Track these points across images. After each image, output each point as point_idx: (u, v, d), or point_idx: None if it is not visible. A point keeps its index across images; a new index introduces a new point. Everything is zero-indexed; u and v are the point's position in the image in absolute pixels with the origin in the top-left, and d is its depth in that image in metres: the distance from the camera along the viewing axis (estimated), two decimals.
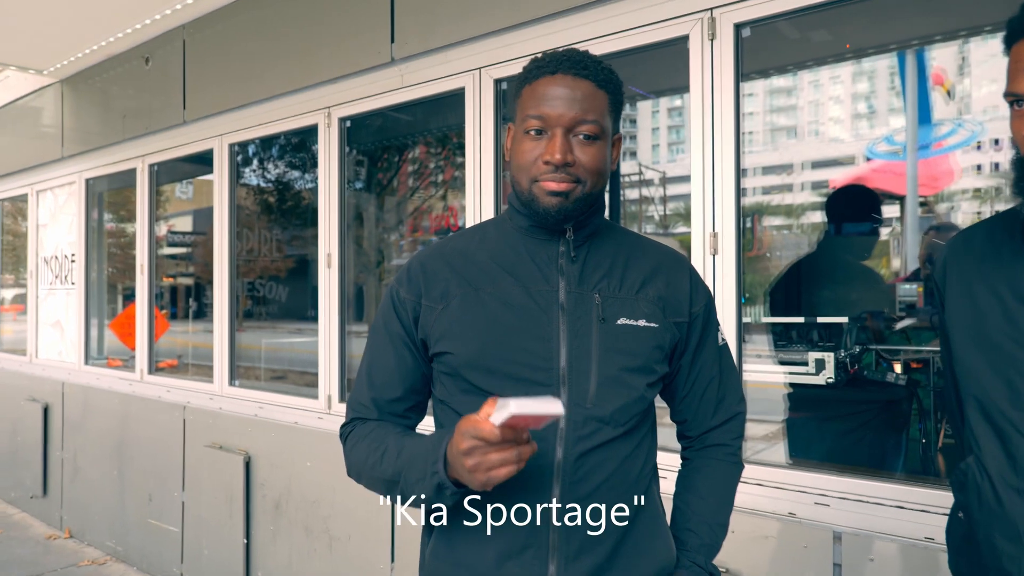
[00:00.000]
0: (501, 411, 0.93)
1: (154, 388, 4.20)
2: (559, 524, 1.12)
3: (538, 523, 1.12)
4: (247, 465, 3.48)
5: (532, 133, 1.14)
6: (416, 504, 1.13)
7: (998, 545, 1.08)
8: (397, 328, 1.24)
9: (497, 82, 2.65)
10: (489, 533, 1.13)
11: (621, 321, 1.18)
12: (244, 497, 3.48)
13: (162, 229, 4.83)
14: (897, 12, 2.79)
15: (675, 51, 2.31)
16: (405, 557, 2.84)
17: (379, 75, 3.01)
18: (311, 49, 3.25)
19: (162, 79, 4.10)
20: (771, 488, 2.05)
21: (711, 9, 2.14)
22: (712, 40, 2.14)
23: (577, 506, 1.12)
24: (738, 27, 2.11)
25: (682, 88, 3.97)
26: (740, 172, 2.15)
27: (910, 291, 3.39)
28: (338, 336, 3.19)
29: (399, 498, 1.14)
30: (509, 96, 1.24)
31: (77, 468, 4.78)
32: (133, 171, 4.46)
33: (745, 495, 2.07)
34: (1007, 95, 1.07)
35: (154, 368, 4.39)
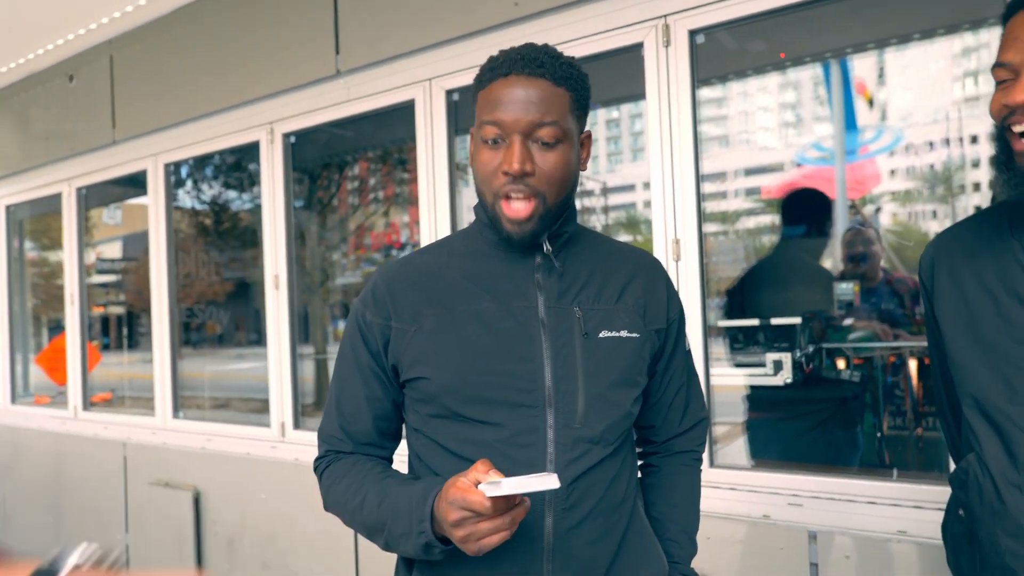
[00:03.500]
0: (492, 487, 0.88)
1: (90, 425, 3.96)
2: (552, 552, 1.07)
3: (531, 553, 1.06)
4: (196, 501, 3.31)
5: (490, 142, 1.08)
6: (402, 553, 1.09)
7: (1001, 543, 1.07)
8: (365, 356, 1.16)
9: (449, 93, 2.60)
10: (478, 564, 1.06)
11: (603, 334, 1.13)
12: (194, 535, 3.30)
13: (90, 257, 4.59)
14: (831, 21, 2.88)
15: (617, 61, 2.31)
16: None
17: (324, 88, 2.93)
18: (251, 63, 3.14)
19: (88, 97, 3.91)
20: (744, 492, 2.04)
21: (665, 16, 2.14)
22: (667, 47, 2.14)
23: (570, 533, 1.08)
24: (692, 33, 2.12)
25: (624, 98, 4.01)
26: (700, 178, 2.15)
27: (847, 290, 3.50)
28: (289, 360, 3.07)
29: (383, 546, 1.10)
30: (471, 101, 1.18)
31: (7, 516, 4.47)
32: (57, 196, 4.22)
33: (719, 500, 2.06)
34: (995, 66, 1.05)
35: (88, 404, 4.14)
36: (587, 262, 1.18)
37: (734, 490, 2.06)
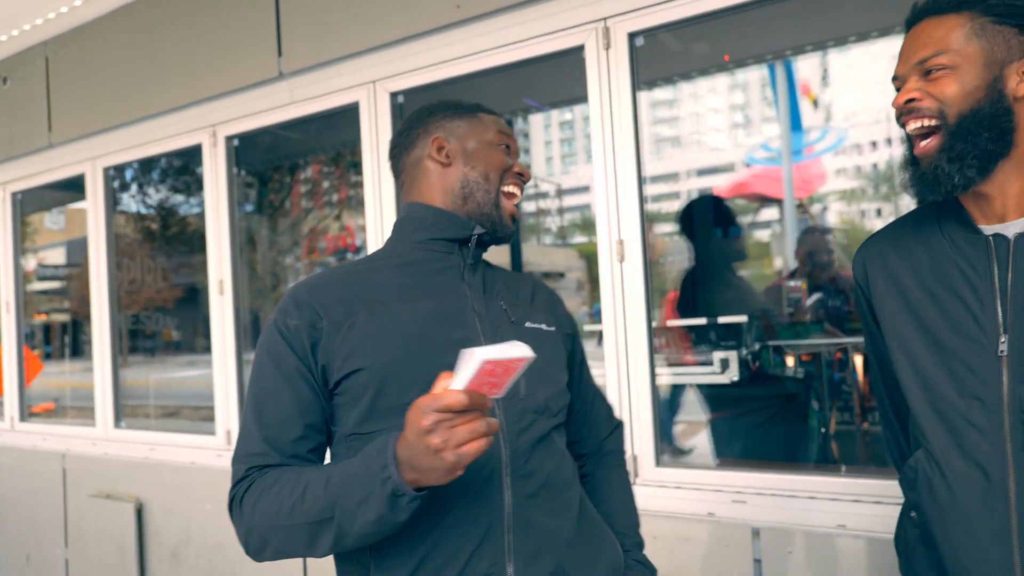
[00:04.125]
0: (467, 366, 0.83)
1: (28, 436, 3.83)
2: (513, 522, 1.07)
3: (492, 522, 1.06)
4: (139, 513, 3.22)
5: (503, 147, 1.25)
6: (359, 539, 0.98)
7: (954, 539, 1.07)
8: (291, 360, 1.10)
9: (393, 95, 2.58)
10: (442, 538, 1.05)
11: (528, 324, 1.21)
12: (137, 548, 3.21)
13: (31, 263, 4.43)
14: (771, 24, 2.94)
15: (566, 63, 2.32)
16: None
17: (267, 90, 2.88)
18: (192, 64, 3.07)
19: (23, 100, 3.77)
20: (691, 490, 2.07)
21: (605, 19, 2.16)
22: (607, 49, 2.16)
23: (528, 501, 1.09)
24: (632, 36, 2.14)
25: (574, 100, 4.04)
26: (642, 179, 2.17)
27: (796, 288, 3.59)
28: (235, 366, 3.01)
29: (332, 541, 0.99)
30: (436, 116, 1.25)
31: None
32: None
33: (666, 499, 2.08)
34: (893, 79, 1.12)
35: (27, 414, 4.00)
36: (495, 272, 1.28)
37: (680, 488, 2.08)
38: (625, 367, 2.16)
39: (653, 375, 2.17)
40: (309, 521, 0.99)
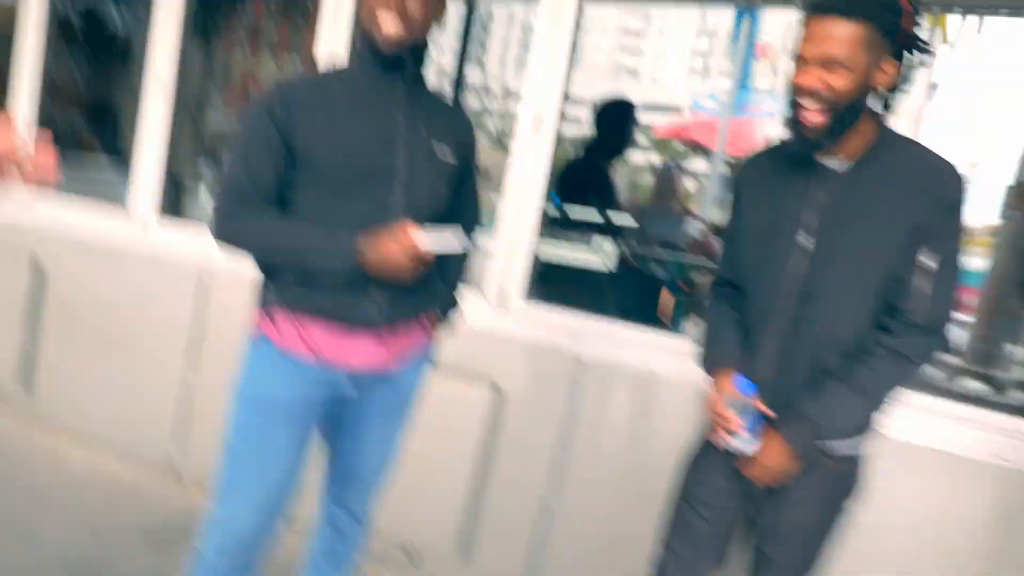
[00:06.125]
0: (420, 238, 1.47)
1: None
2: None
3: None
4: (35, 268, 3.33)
5: None
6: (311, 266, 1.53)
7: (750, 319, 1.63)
8: (269, 127, 1.50)
9: None
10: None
11: (435, 146, 1.64)
12: (29, 303, 3.35)
13: None
14: None
15: None
16: (208, 360, 3.02)
17: None
18: None
19: None
20: (545, 327, 2.53)
21: None
22: None
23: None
24: None
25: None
26: (570, 67, 2.50)
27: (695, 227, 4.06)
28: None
29: (281, 261, 1.56)
30: None
31: None
32: None
33: (525, 330, 2.54)
34: (795, 56, 1.46)
35: None
36: (427, 95, 1.68)
37: (537, 326, 2.54)
38: (518, 216, 2.56)
39: (538, 229, 2.57)
40: (277, 247, 1.54)
